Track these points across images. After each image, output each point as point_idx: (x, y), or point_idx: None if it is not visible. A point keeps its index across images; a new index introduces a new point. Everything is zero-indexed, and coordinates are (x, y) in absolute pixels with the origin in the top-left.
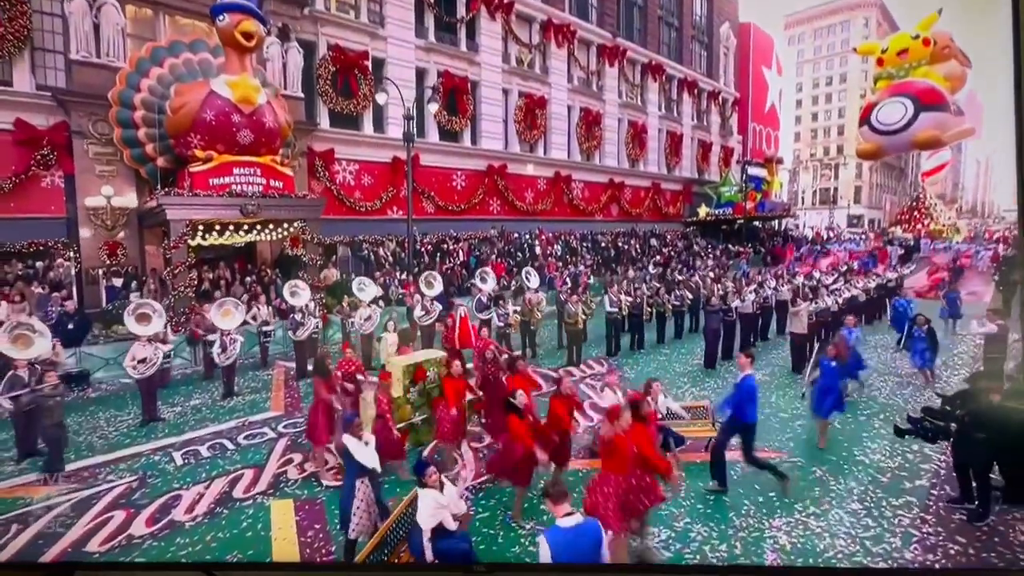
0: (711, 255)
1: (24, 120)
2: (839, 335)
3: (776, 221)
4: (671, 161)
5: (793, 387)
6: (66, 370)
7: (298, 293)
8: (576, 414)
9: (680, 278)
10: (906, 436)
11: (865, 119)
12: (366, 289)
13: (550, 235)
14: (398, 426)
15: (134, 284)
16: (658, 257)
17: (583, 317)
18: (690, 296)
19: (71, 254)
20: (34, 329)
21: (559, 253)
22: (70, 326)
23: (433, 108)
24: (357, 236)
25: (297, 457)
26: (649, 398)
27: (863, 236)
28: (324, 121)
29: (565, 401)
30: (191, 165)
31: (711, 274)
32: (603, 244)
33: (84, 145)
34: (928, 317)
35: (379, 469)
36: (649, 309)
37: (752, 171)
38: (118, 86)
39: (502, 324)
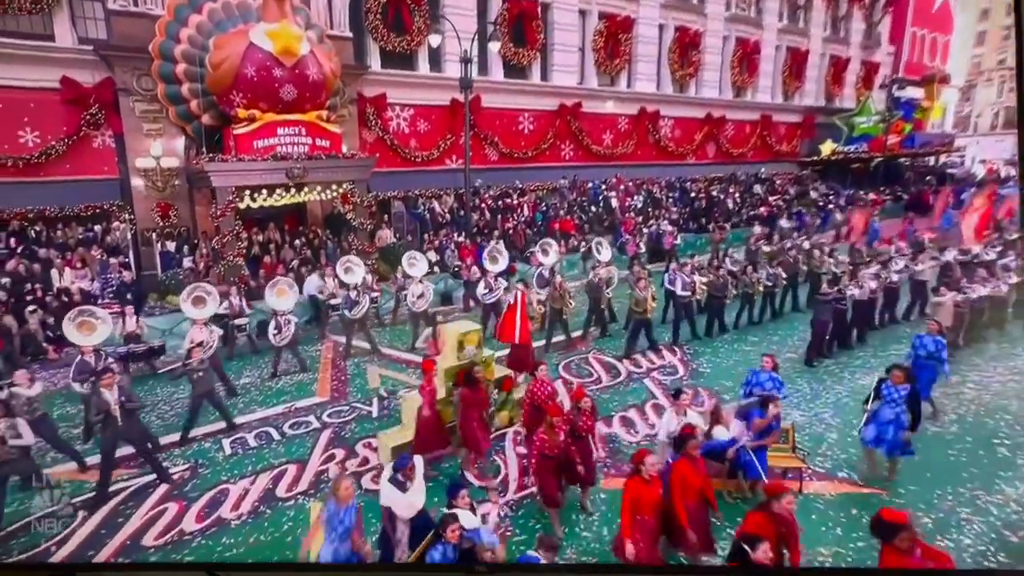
0: (833, 204)
1: (70, 78)
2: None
3: (931, 157)
4: (790, 87)
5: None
6: (148, 343)
7: (352, 270)
8: None
9: (767, 249)
10: None
11: None
12: (417, 264)
13: (630, 184)
14: None
15: (186, 248)
16: (762, 209)
17: (653, 304)
18: (785, 275)
19: (127, 216)
20: (96, 315)
21: (639, 206)
22: (128, 296)
23: (495, 47)
24: (412, 190)
25: (339, 453)
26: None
27: None
28: (375, 62)
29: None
30: (234, 126)
31: (805, 243)
32: (693, 193)
33: (130, 102)
34: (907, 370)
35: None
36: (734, 291)
37: (903, 93)
38: (158, 37)
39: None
